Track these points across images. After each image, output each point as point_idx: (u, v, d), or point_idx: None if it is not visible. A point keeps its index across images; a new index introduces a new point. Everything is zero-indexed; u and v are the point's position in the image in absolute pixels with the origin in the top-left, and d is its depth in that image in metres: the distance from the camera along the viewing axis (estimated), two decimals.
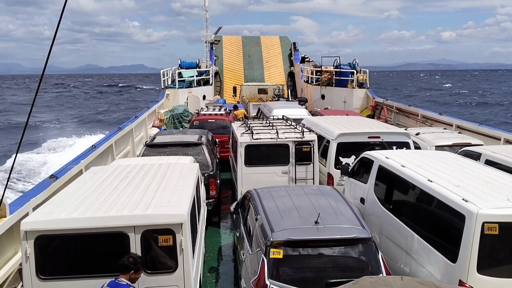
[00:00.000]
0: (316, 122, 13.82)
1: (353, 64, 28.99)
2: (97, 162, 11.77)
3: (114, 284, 5.35)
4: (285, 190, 8.56)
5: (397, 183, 8.18)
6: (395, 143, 11.71)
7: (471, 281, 6.00)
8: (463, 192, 6.61)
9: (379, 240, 8.39)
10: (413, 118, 20.76)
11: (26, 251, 5.70)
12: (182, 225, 5.93)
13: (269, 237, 6.63)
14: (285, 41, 38.95)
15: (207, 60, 34.49)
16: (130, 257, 5.50)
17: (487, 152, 10.54)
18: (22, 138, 3.88)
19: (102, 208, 6.06)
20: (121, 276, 5.40)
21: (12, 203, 7.46)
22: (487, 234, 5.95)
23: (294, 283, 6.35)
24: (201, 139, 12.97)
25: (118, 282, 5.36)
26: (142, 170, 8.12)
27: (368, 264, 6.61)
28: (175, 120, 23.17)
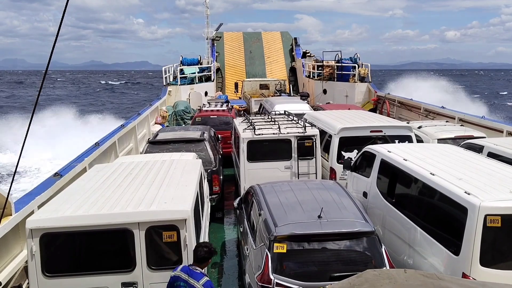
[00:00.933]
0: (318, 117, 13.83)
1: (355, 58, 28.95)
2: (100, 160, 11.83)
3: (188, 270, 5.52)
4: (288, 185, 8.59)
5: (400, 176, 8.20)
6: (397, 136, 11.71)
7: (474, 274, 6.02)
8: (466, 185, 6.62)
9: (382, 233, 8.42)
10: (416, 111, 20.73)
11: (32, 248, 5.75)
12: (186, 221, 5.97)
13: (273, 232, 6.66)
14: (286, 37, 38.89)
15: (208, 57, 34.50)
16: (205, 247, 5.67)
17: (490, 145, 10.53)
18: (27, 135, 3.91)
19: (107, 206, 6.10)
20: (195, 265, 5.58)
21: (18, 201, 7.52)
22: (489, 227, 5.97)
23: (298, 277, 6.39)
24: (204, 136, 12.99)
25: (192, 269, 5.53)
26: (146, 167, 8.16)
27: (372, 258, 6.64)
28: (177, 116, 23.21)
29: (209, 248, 5.68)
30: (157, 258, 6.03)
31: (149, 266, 5.96)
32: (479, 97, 64.97)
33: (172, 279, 5.51)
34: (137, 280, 5.97)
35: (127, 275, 5.97)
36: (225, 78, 35.09)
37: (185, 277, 5.45)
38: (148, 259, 5.96)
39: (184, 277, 5.46)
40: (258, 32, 40.44)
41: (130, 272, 5.96)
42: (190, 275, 5.46)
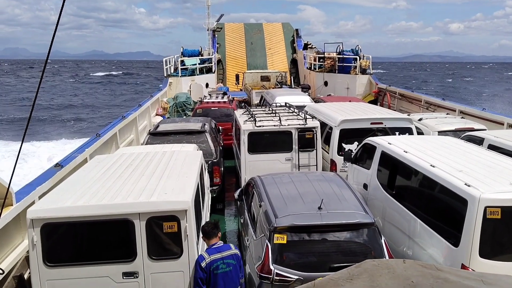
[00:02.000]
0: (319, 109, 13.82)
1: (356, 50, 28.86)
2: (101, 151, 11.85)
3: (214, 250, 6.11)
4: (289, 177, 8.61)
5: (400, 168, 8.21)
6: (398, 128, 11.71)
7: (473, 265, 6.05)
8: (466, 177, 6.64)
9: (382, 225, 8.45)
10: (416, 103, 20.72)
11: (33, 238, 5.77)
12: (186, 212, 5.99)
13: (273, 223, 6.69)
14: (288, 28, 38.73)
15: (209, 48, 34.40)
16: (209, 223, 6.53)
17: (490, 137, 10.53)
18: (28, 124, 3.91)
19: (107, 196, 6.12)
20: (213, 241, 6.27)
21: (18, 192, 7.54)
22: (489, 219, 5.99)
23: (298, 268, 6.43)
24: (205, 127, 13.00)
25: (216, 247, 6.16)
26: (146, 158, 8.18)
27: (371, 249, 6.68)
28: (178, 108, 23.21)
29: (213, 223, 6.48)
30: (157, 249, 6.06)
31: (149, 256, 5.99)
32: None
33: (207, 267, 5.92)
34: (138, 270, 6.00)
35: (128, 265, 6.00)
36: (226, 69, 35.02)
37: (218, 256, 6.02)
38: (148, 249, 5.99)
39: (218, 257, 6.01)
40: (259, 24, 40.29)
41: (131, 262, 5.99)
42: (219, 251, 6.09)
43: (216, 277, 5.96)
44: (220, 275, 5.98)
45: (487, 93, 74.40)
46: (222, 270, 6.01)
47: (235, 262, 6.13)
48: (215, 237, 6.29)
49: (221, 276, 5.99)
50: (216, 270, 5.96)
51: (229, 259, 6.09)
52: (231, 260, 6.10)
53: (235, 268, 6.11)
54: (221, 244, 6.24)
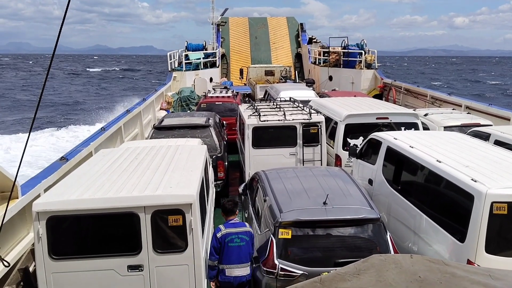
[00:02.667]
0: (324, 104, 13.78)
1: (361, 44, 28.73)
2: (106, 145, 11.86)
3: (230, 225, 6.74)
4: (293, 172, 8.59)
5: (406, 164, 8.17)
6: (404, 124, 11.66)
7: (479, 261, 6.03)
8: (472, 172, 6.60)
9: (387, 220, 8.42)
10: (422, 98, 20.62)
11: (38, 231, 5.79)
12: (191, 205, 5.99)
13: (278, 218, 6.68)
14: (292, 22, 38.58)
15: (213, 42, 34.33)
16: (229, 200, 7.10)
17: (496, 133, 10.47)
18: (34, 119, 3.91)
19: (113, 189, 6.13)
20: (231, 217, 6.86)
21: (24, 185, 7.56)
22: (496, 214, 5.96)
23: (302, 263, 6.42)
24: (209, 122, 12.99)
25: (233, 222, 6.80)
26: (151, 152, 8.18)
27: (377, 244, 6.66)
28: (182, 102, 23.20)
29: (233, 201, 7.13)
30: (162, 242, 6.07)
31: (154, 249, 6.00)
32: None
33: (222, 239, 6.56)
34: (143, 263, 6.01)
35: (133, 258, 6.01)
36: (230, 64, 34.95)
37: (233, 231, 6.63)
38: (153, 243, 6.00)
39: (233, 231, 6.63)
40: (263, 18, 40.17)
41: (136, 255, 6.00)
42: (235, 226, 6.73)
43: (229, 249, 6.56)
44: (234, 247, 6.57)
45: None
46: (236, 244, 6.60)
47: (248, 239, 6.69)
48: (233, 214, 6.89)
49: (235, 248, 6.58)
50: (230, 242, 6.57)
51: (243, 235, 6.67)
52: (245, 236, 6.67)
53: (247, 243, 6.67)
54: (237, 220, 6.88)
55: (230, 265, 6.59)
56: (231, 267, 6.59)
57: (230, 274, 6.60)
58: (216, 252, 6.56)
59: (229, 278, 6.61)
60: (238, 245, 6.60)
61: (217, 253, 6.56)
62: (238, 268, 6.59)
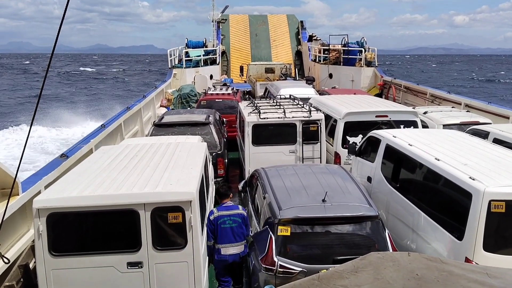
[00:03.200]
0: (324, 101, 13.79)
1: (361, 42, 28.71)
2: (106, 142, 11.88)
3: (223, 208, 7.23)
4: (293, 169, 8.62)
5: (404, 161, 8.20)
6: (403, 122, 11.68)
7: (477, 259, 6.06)
8: (470, 170, 6.63)
9: (385, 218, 8.45)
10: (422, 96, 20.63)
11: (39, 228, 5.81)
12: (191, 203, 6.01)
13: (277, 215, 6.71)
14: (293, 20, 38.54)
15: (214, 39, 34.30)
16: (224, 185, 7.77)
17: (495, 131, 10.50)
18: (35, 115, 3.93)
19: (113, 186, 6.15)
20: (224, 201, 7.37)
21: (25, 181, 7.59)
22: (493, 212, 5.99)
23: (301, 260, 6.46)
24: (209, 119, 13.01)
25: (226, 206, 7.28)
26: (151, 149, 8.20)
27: (375, 242, 6.69)
28: (183, 99, 23.21)
29: (227, 185, 7.78)
30: (162, 239, 6.09)
31: (154, 246, 6.03)
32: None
33: (214, 221, 7.06)
34: (143, 260, 6.04)
35: (132, 255, 6.04)
36: (231, 61, 34.92)
37: (226, 213, 7.12)
38: (153, 240, 6.03)
39: (225, 213, 7.12)
40: (264, 15, 40.09)
41: (136, 252, 6.03)
42: (227, 209, 7.19)
43: (222, 230, 7.07)
44: (226, 229, 7.09)
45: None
46: (228, 225, 7.10)
47: (240, 220, 7.15)
48: (227, 198, 7.40)
49: (228, 229, 7.09)
50: (223, 224, 7.08)
51: (235, 216, 7.14)
52: (237, 218, 7.14)
53: (240, 224, 7.14)
54: (230, 204, 7.32)
55: (225, 244, 7.12)
56: (225, 246, 7.13)
57: (225, 253, 7.15)
58: (212, 232, 7.09)
59: (225, 257, 7.16)
60: (230, 226, 7.10)
61: (212, 233, 7.10)
62: (232, 247, 7.16)
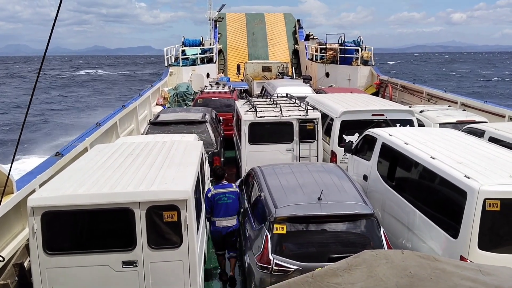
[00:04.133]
0: (320, 100, 13.79)
1: (358, 41, 28.75)
2: (101, 140, 11.85)
3: (219, 186, 8.16)
4: (289, 168, 8.62)
5: (400, 160, 8.21)
6: (399, 120, 11.69)
7: (472, 257, 6.07)
8: (466, 169, 6.63)
9: (381, 216, 8.46)
10: (418, 95, 20.66)
11: (33, 226, 5.79)
12: (186, 201, 6.00)
13: (273, 213, 6.71)
14: (289, 19, 38.55)
15: (210, 38, 34.27)
16: (219, 167, 8.64)
17: (491, 129, 10.52)
18: (26, 117, 3.91)
19: (108, 185, 6.13)
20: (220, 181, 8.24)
21: (19, 180, 7.56)
22: (488, 211, 6.00)
23: (297, 258, 6.46)
24: (205, 117, 13.00)
25: (221, 184, 8.20)
26: (147, 147, 8.18)
27: (370, 240, 6.70)
28: (179, 98, 23.18)
29: (222, 168, 8.71)
30: (157, 238, 6.08)
31: (149, 245, 6.02)
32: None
33: (212, 198, 8.00)
34: (138, 259, 6.03)
35: (127, 254, 6.03)
36: (227, 59, 34.90)
37: (222, 191, 8.06)
38: (148, 239, 6.02)
39: (221, 191, 8.05)
40: (261, 14, 40.07)
41: (131, 251, 6.02)
42: (223, 187, 8.13)
43: (218, 205, 8.00)
44: (222, 204, 8.00)
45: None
46: (224, 201, 8.00)
47: (234, 197, 8.08)
48: (222, 179, 8.29)
49: (223, 205, 8.00)
50: (219, 200, 7.99)
51: (230, 194, 8.07)
52: (231, 195, 8.06)
53: (234, 201, 8.07)
54: (225, 183, 8.24)
55: (219, 218, 8.06)
56: (220, 219, 8.07)
57: (219, 225, 8.08)
58: (210, 207, 8.06)
59: (219, 228, 8.09)
60: (225, 202, 8.02)
61: (209, 208, 8.07)
62: (226, 220, 8.07)
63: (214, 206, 8.00)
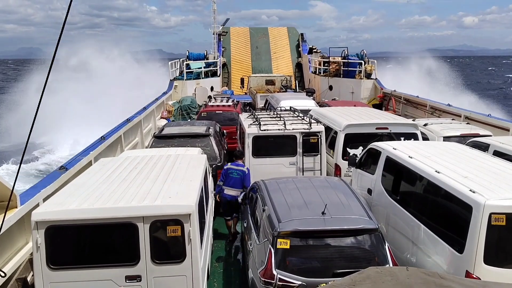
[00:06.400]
0: (324, 113, 13.81)
1: (361, 55, 28.85)
2: (106, 154, 11.87)
3: (234, 164, 10.62)
4: (293, 181, 8.59)
5: (405, 174, 8.18)
6: (403, 134, 11.67)
7: (478, 272, 6.01)
8: (471, 183, 6.60)
9: (386, 231, 8.41)
10: (422, 108, 20.64)
11: (37, 241, 5.79)
12: (190, 216, 5.99)
13: (277, 228, 6.67)
14: (293, 32, 38.82)
15: (214, 52, 34.49)
16: (239, 151, 11.47)
17: (496, 143, 10.48)
18: (33, 125, 3.92)
19: (112, 199, 6.13)
20: (236, 160, 10.75)
21: (23, 194, 7.56)
22: (494, 225, 5.95)
23: (301, 273, 6.41)
24: (209, 131, 13.01)
25: (237, 163, 10.63)
26: (151, 161, 8.19)
27: (375, 255, 6.64)
28: (183, 111, 23.26)
29: (240, 151, 11.41)
30: (161, 252, 6.06)
31: (153, 259, 6.00)
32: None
33: (224, 171, 10.48)
34: (141, 274, 6.00)
35: (131, 268, 6.00)
36: (231, 73, 35.08)
37: (234, 167, 10.48)
38: (152, 253, 5.99)
39: (234, 167, 10.48)
40: (264, 28, 40.39)
41: (134, 265, 6.00)
42: (237, 165, 10.52)
43: (229, 177, 10.42)
44: (232, 177, 10.40)
45: None
46: (233, 175, 10.41)
47: (242, 174, 10.40)
48: (240, 159, 10.81)
49: (232, 178, 10.40)
50: (230, 174, 10.42)
51: (240, 171, 10.43)
52: (241, 172, 10.42)
53: (241, 177, 10.39)
54: (240, 163, 10.68)
55: (227, 187, 10.40)
56: (227, 188, 10.41)
57: (227, 193, 10.41)
58: (223, 177, 10.47)
59: (225, 195, 10.43)
60: (234, 176, 10.36)
61: (223, 177, 10.46)
62: (231, 190, 10.38)
63: (226, 177, 10.39)
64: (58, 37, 3.62)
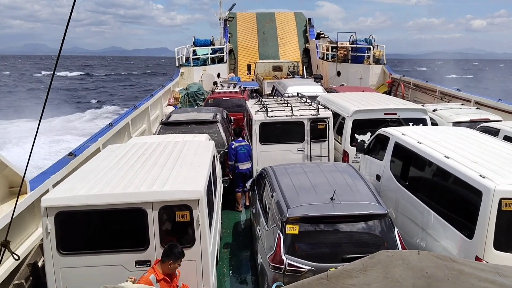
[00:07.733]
0: (332, 99, 13.73)
1: (370, 40, 28.57)
2: (114, 140, 11.92)
3: (240, 141, 11.75)
4: (301, 167, 8.58)
5: (414, 159, 8.13)
6: (412, 119, 11.59)
7: (488, 257, 5.99)
8: (480, 168, 6.54)
9: (395, 216, 8.39)
10: (431, 94, 20.48)
11: (47, 227, 5.83)
12: (199, 201, 6.00)
13: (285, 213, 6.68)
14: (300, 17, 38.43)
15: (221, 38, 34.32)
16: (238, 128, 12.64)
17: (506, 128, 10.39)
18: (42, 115, 3.92)
19: (121, 185, 6.15)
20: (238, 138, 11.95)
21: (33, 180, 7.62)
22: (504, 210, 5.91)
23: (310, 259, 6.42)
24: (216, 117, 13.00)
25: (240, 140, 11.81)
26: (159, 147, 8.20)
27: (384, 240, 6.64)
28: (190, 98, 23.24)
29: (240, 129, 12.55)
30: (170, 237, 6.09)
31: (162, 245, 6.03)
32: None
33: (235, 149, 11.52)
34: (151, 259, 6.04)
35: (140, 254, 6.04)
36: (238, 59, 34.91)
37: (240, 144, 11.62)
38: (161, 238, 6.03)
39: (240, 144, 11.62)
40: (271, 13, 39.98)
41: (144, 250, 6.04)
42: (241, 142, 11.67)
43: (240, 154, 11.54)
44: (242, 153, 11.57)
45: None
46: (243, 151, 11.56)
47: (248, 148, 11.67)
48: (240, 135, 12.01)
49: (242, 154, 11.57)
50: (240, 150, 11.53)
51: (246, 146, 11.68)
52: (246, 147, 11.66)
53: (248, 150, 11.64)
54: (241, 139, 11.88)
55: (241, 163, 11.57)
56: (242, 164, 11.58)
57: (242, 168, 11.59)
58: (233, 156, 11.52)
59: (242, 170, 11.59)
60: (243, 152, 11.57)
61: (233, 156, 11.52)
62: (245, 164, 11.63)
63: (237, 155, 11.49)
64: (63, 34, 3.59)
